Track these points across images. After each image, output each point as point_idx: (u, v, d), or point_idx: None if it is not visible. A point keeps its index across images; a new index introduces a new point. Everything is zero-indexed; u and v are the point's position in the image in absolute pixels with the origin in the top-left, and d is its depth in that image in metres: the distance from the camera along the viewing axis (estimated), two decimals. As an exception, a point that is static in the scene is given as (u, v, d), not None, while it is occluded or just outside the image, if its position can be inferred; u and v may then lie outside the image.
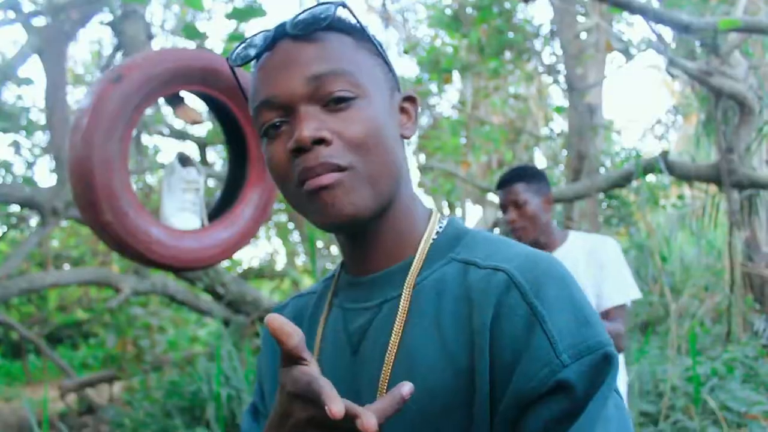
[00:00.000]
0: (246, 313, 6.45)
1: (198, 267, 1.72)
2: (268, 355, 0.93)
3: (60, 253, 8.81)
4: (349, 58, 0.78)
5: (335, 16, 0.79)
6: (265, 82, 0.77)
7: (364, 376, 0.79)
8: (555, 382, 0.66)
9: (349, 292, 0.85)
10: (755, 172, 4.61)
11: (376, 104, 0.78)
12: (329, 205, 0.74)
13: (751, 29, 3.55)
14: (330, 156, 0.74)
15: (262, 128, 0.78)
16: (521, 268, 0.72)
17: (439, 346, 0.73)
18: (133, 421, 4.85)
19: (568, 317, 0.68)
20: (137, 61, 1.55)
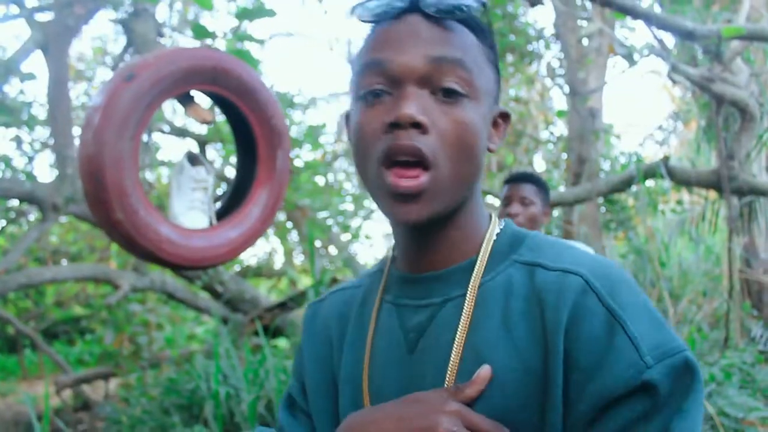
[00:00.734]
0: (244, 312, 6.46)
1: (207, 266, 1.72)
2: (312, 353, 0.91)
3: (58, 249, 8.80)
4: (472, 56, 0.77)
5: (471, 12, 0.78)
6: (381, 45, 0.76)
7: (426, 374, 0.78)
8: (641, 382, 0.67)
9: (404, 289, 0.83)
10: (755, 179, 4.64)
11: (480, 110, 0.77)
12: (407, 209, 0.74)
13: (754, 37, 3.57)
14: (422, 144, 0.73)
15: (361, 90, 0.77)
16: (594, 273, 0.73)
17: (509, 346, 0.73)
18: (130, 418, 4.85)
19: (645, 321, 0.70)
20: (149, 60, 1.56)
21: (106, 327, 6.59)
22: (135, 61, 1.65)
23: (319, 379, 0.88)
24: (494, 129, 0.83)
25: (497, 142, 0.83)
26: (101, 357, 7.53)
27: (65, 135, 5.23)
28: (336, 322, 0.90)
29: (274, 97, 1.82)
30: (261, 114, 1.77)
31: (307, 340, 0.92)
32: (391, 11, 0.78)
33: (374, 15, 0.79)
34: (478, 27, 0.80)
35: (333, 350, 0.88)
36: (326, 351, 0.89)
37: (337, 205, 8.55)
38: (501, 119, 0.84)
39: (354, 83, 0.80)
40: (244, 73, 1.74)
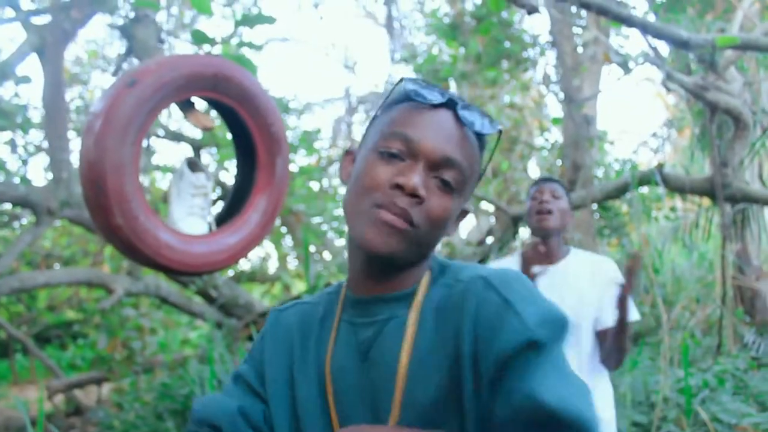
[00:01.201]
0: (238, 317, 6.45)
1: (206, 272, 1.73)
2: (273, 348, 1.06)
3: (51, 253, 8.76)
4: (472, 165, 0.97)
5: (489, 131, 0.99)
6: (414, 123, 0.94)
7: (378, 376, 0.95)
8: (526, 342, 0.83)
9: (356, 309, 1.00)
10: (748, 187, 4.67)
11: (459, 203, 0.98)
12: (383, 238, 0.92)
13: (748, 47, 3.60)
14: (413, 212, 0.92)
15: (381, 146, 0.95)
16: (494, 275, 0.92)
17: (442, 348, 0.91)
18: (123, 423, 4.83)
19: (533, 303, 0.87)
20: (151, 67, 1.56)
21: (99, 331, 6.56)
22: (137, 67, 1.65)
23: (278, 377, 1.03)
24: (456, 219, 1.02)
25: (453, 230, 1.03)
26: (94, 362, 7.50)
27: (60, 139, 5.22)
28: (297, 332, 1.06)
29: (274, 105, 1.83)
30: (261, 121, 1.78)
31: (270, 341, 1.07)
32: (434, 98, 0.95)
33: (417, 94, 0.96)
34: (484, 143, 1.01)
35: (293, 356, 1.04)
36: (286, 356, 1.04)
37: (331, 210, 8.55)
38: (462, 214, 1.04)
39: (374, 137, 0.98)
40: (245, 80, 1.75)
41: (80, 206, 5.39)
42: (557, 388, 0.82)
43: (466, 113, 0.96)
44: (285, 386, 1.02)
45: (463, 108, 0.96)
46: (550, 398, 0.80)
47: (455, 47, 6.70)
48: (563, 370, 0.86)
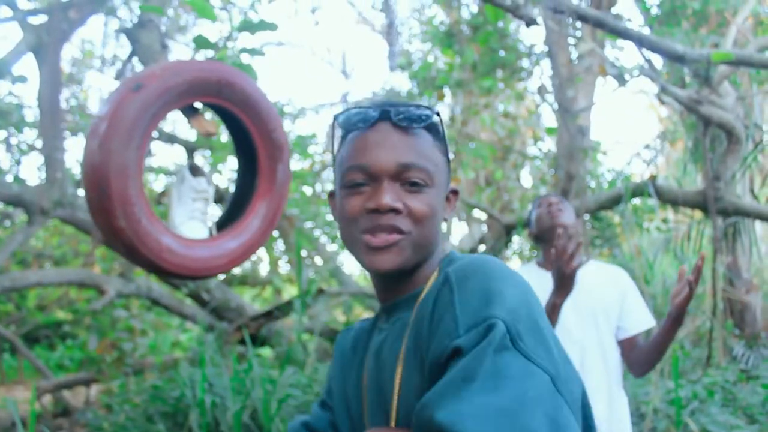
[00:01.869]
0: (229, 320, 6.44)
1: (206, 276, 1.74)
2: (336, 363, 1.18)
3: (42, 252, 8.71)
4: (430, 156, 1.01)
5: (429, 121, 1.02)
6: (361, 151, 1.00)
7: (385, 375, 1.00)
8: (451, 349, 0.82)
9: (381, 315, 1.08)
10: (740, 200, 4.72)
11: (438, 193, 1.02)
12: (379, 258, 0.97)
13: (742, 62, 3.64)
14: (399, 222, 0.97)
15: (346, 182, 1.00)
16: (459, 267, 0.91)
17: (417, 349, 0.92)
18: (112, 424, 4.80)
19: (476, 302, 0.84)
20: (156, 72, 1.57)
21: (90, 332, 6.53)
22: (142, 72, 1.66)
23: (338, 387, 1.14)
24: (447, 203, 1.07)
25: (449, 212, 1.08)
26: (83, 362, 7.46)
27: (55, 138, 5.21)
28: (351, 348, 1.15)
29: (276, 111, 1.84)
30: (263, 127, 1.80)
31: (334, 358, 1.19)
32: (367, 120, 1.01)
33: (353, 123, 1.02)
34: (434, 128, 1.05)
35: (349, 368, 1.13)
36: (341, 372, 1.15)
37: (324, 215, 8.55)
38: (452, 195, 1.08)
39: (338, 174, 1.03)
40: (248, 87, 1.76)
41: (73, 206, 5.39)
42: (458, 404, 0.75)
43: (400, 117, 1.00)
44: (342, 393, 1.12)
45: (396, 114, 1.00)
46: (442, 415, 0.75)
47: (451, 55, 6.73)
48: (481, 383, 0.77)
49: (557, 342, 0.88)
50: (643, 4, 5.38)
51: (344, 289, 7.15)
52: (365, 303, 7.36)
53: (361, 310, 7.94)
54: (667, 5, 4.96)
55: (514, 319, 0.82)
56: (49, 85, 5.08)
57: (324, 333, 6.91)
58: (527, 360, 0.79)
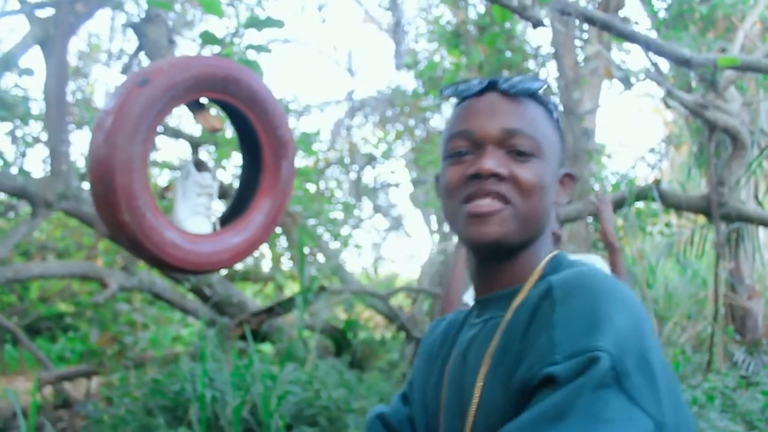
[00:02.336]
0: (231, 316, 6.45)
1: (209, 271, 1.74)
2: (422, 355, 1.11)
3: (45, 244, 8.74)
4: (539, 127, 0.95)
5: (540, 92, 0.98)
6: (466, 118, 0.96)
7: (467, 379, 0.93)
8: (543, 375, 0.74)
9: (474, 309, 1.02)
10: (744, 206, 4.71)
11: (547, 167, 0.94)
12: (482, 228, 0.90)
13: (748, 68, 3.64)
14: (501, 188, 0.90)
15: (449, 152, 0.96)
16: (564, 280, 0.82)
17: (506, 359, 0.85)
18: (112, 417, 4.82)
19: (580, 326, 0.75)
20: (163, 67, 1.58)
21: (91, 325, 6.55)
22: (149, 66, 1.67)
23: (420, 379, 1.08)
24: (561, 186, 0.99)
25: (563, 198, 0.99)
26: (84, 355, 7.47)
27: (60, 131, 5.22)
28: (440, 340, 1.09)
29: (282, 109, 1.85)
30: (268, 124, 1.80)
31: (421, 348, 1.13)
32: (473, 89, 0.97)
33: (459, 94, 0.98)
34: (544, 102, 0.99)
35: (433, 362, 1.07)
36: (427, 362, 1.08)
37: (327, 212, 8.56)
38: (567, 179, 1.01)
39: (443, 147, 0.98)
40: (254, 84, 1.77)
41: (77, 199, 5.40)
42: None
43: (508, 86, 0.95)
44: (422, 387, 1.06)
45: (504, 83, 0.96)
46: None
47: (457, 55, 6.73)
48: (573, 424, 0.69)
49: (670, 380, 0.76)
50: (651, 8, 5.38)
51: (346, 287, 7.16)
52: (366, 301, 7.37)
53: (362, 308, 7.95)
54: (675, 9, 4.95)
55: (621, 352, 0.72)
56: (55, 78, 5.09)
57: (325, 330, 6.92)
58: (630, 402, 0.70)
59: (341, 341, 7.14)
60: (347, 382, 5.09)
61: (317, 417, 4.50)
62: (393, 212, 10.24)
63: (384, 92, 8.77)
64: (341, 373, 5.43)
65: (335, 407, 4.45)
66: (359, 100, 9.04)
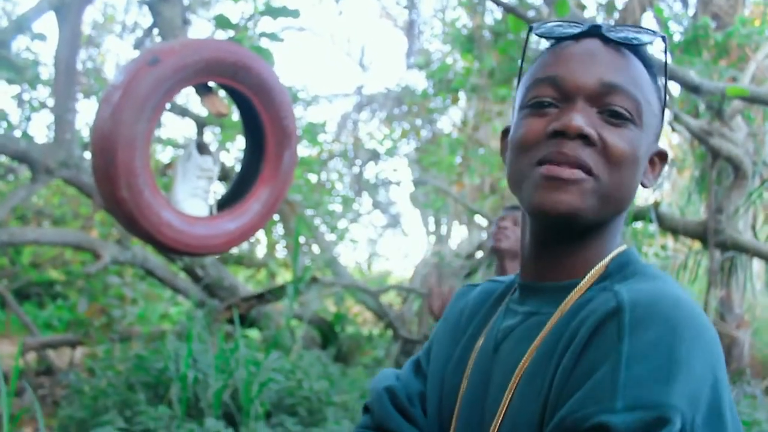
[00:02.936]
0: (221, 298, 6.46)
1: (201, 254, 1.75)
2: (447, 325, 0.96)
3: (42, 210, 8.74)
4: (642, 88, 0.79)
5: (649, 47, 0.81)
6: (557, 63, 0.79)
7: (495, 377, 0.81)
8: (598, 422, 0.63)
9: (516, 293, 0.87)
10: (740, 236, 4.72)
11: (643, 138, 0.79)
12: (556, 196, 0.75)
13: (756, 100, 3.65)
14: (587, 156, 0.75)
15: (529, 99, 0.80)
16: (637, 301, 0.69)
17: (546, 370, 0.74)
18: (93, 389, 4.82)
19: (649, 368, 0.64)
20: (175, 48, 1.59)
21: (81, 295, 6.56)
22: (161, 46, 1.67)
23: (440, 355, 0.93)
24: (650, 166, 0.84)
25: (651, 180, 0.84)
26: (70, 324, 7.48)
27: (68, 99, 5.23)
28: (469, 311, 0.94)
29: (289, 99, 1.86)
30: (274, 114, 1.81)
31: (446, 314, 0.98)
32: (572, 31, 0.81)
33: (553, 35, 0.82)
34: (650, 63, 0.82)
35: (457, 332, 0.93)
36: (451, 332, 0.94)
37: (326, 204, 8.57)
38: (658, 158, 0.85)
39: (521, 95, 0.83)
40: (264, 72, 1.77)
41: (78, 168, 5.40)
42: None
43: (614, 33, 0.79)
44: (442, 363, 0.92)
45: (608, 30, 0.80)
46: None
47: (470, 60, 6.73)
48: None
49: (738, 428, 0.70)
50: (667, 30, 5.39)
51: (338, 281, 7.17)
52: (357, 296, 7.38)
53: (352, 303, 7.96)
54: (691, 34, 4.96)
55: (694, 408, 0.64)
56: (67, 45, 5.09)
57: (313, 321, 6.93)
58: None
59: (328, 334, 7.15)
60: (330, 374, 5.09)
61: (297, 407, 4.51)
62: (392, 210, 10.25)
63: (393, 90, 8.77)
64: (325, 365, 5.44)
65: (316, 399, 4.45)
66: (368, 95, 9.04)
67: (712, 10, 5.50)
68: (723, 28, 5.27)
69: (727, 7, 5.44)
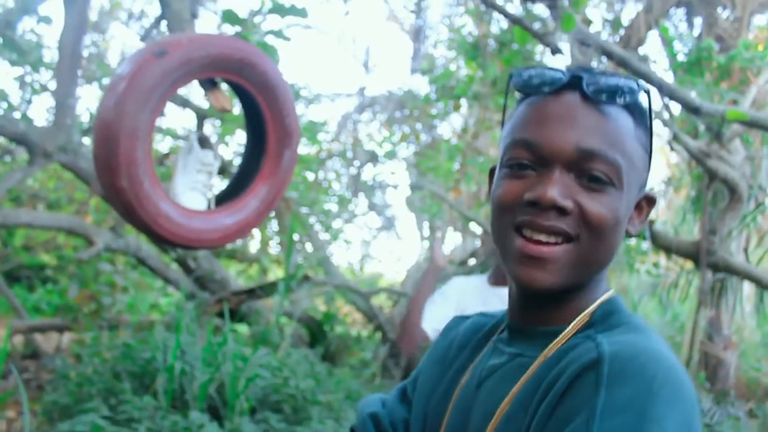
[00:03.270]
0: (212, 291, 6.45)
1: (197, 247, 1.76)
2: (435, 354, 0.98)
3: (37, 193, 8.72)
4: (624, 146, 0.77)
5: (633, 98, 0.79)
6: (533, 123, 0.78)
7: (475, 415, 0.82)
8: None
9: (504, 333, 0.88)
10: (732, 258, 4.75)
11: (625, 198, 0.79)
12: (533, 273, 0.76)
13: (755, 125, 3.68)
14: (564, 224, 0.75)
15: (508, 160, 0.80)
16: (617, 354, 0.70)
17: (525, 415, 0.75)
18: (79, 375, 4.81)
19: (622, 423, 0.64)
20: (183, 41, 1.59)
21: (72, 280, 6.54)
22: (169, 38, 1.68)
23: (425, 385, 0.95)
24: (636, 211, 0.84)
25: (637, 226, 0.85)
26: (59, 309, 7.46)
27: (70, 84, 5.22)
28: (458, 343, 0.96)
29: (292, 98, 1.87)
30: (277, 112, 1.82)
31: (435, 344, 1.00)
32: (551, 83, 0.79)
33: (531, 86, 0.81)
34: (637, 109, 0.81)
35: (444, 365, 0.94)
36: (439, 364, 0.95)
37: (322, 203, 8.57)
38: (645, 202, 0.85)
39: (502, 149, 0.83)
40: (269, 70, 1.78)
41: (76, 154, 5.39)
42: None
43: (594, 87, 0.77)
44: (427, 393, 0.93)
45: (590, 83, 0.77)
46: None
47: (474, 68, 6.75)
48: None
49: None
50: (671, 50, 5.42)
51: (329, 280, 7.17)
52: (348, 297, 7.38)
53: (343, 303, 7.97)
54: (694, 55, 5.00)
55: None
56: (72, 30, 5.08)
57: (302, 319, 6.93)
58: None
59: (317, 333, 7.14)
60: (317, 374, 5.09)
61: (282, 404, 4.51)
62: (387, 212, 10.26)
63: (395, 93, 8.79)
64: (312, 364, 5.44)
65: (302, 397, 4.45)
66: (370, 97, 9.05)
67: (717, 32, 5.54)
68: (726, 50, 5.31)
69: (731, 30, 5.48)
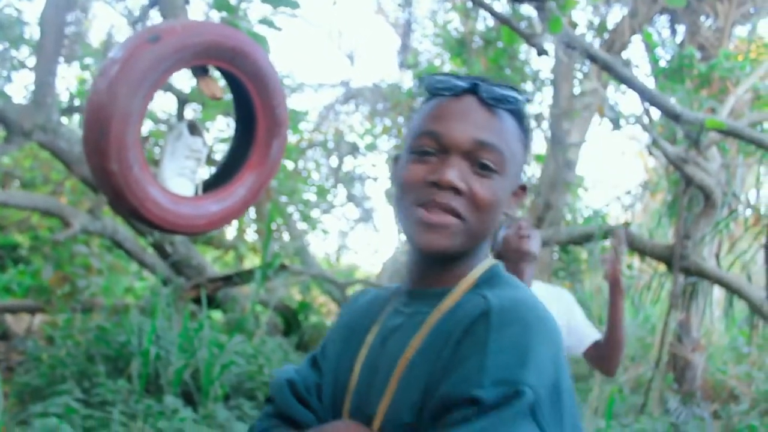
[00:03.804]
0: (188, 277, 6.43)
1: (181, 233, 1.76)
2: (340, 325, 1.12)
3: (11, 172, 8.58)
4: (509, 141, 0.96)
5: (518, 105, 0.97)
6: (438, 119, 0.95)
7: (381, 367, 0.96)
8: (470, 396, 0.80)
9: (402, 298, 1.04)
10: (704, 263, 4.85)
11: (506, 184, 0.96)
12: (429, 237, 0.92)
13: (732, 134, 3.76)
14: (457, 204, 0.92)
15: (415, 147, 0.96)
16: (502, 306, 0.87)
17: (428, 364, 0.89)
18: (51, 357, 4.77)
19: (510, 357, 0.82)
20: (177, 27, 1.59)
21: (46, 262, 6.47)
22: (163, 24, 1.68)
23: (333, 350, 1.08)
24: (514, 197, 1.01)
25: (513, 208, 1.02)
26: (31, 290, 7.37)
27: (51, 62, 5.15)
28: (361, 313, 1.10)
29: (283, 89, 1.87)
30: (267, 101, 1.82)
31: (339, 318, 1.15)
32: (453, 89, 0.96)
33: (437, 89, 0.98)
34: (519, 114, 1.00)
35: (352, 334, 1.07)
36: (345, 331, 1.09)
37: (301, 192, 8.57)
38: (520, 190, 1.02)
39: (409, 138, 0.99)
40: (261, 59, 1.79)
41: (55, 133, 5.33)
42: None
43: (488, 94, 0.94)
44: (336, 357, 1.06)
45: (485, 90, 0.95)
46: None
47: (459, 64, 6.79)
48: None
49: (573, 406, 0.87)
50: (654, 56, 5.50)
51: (306, 270, 7.18)
52: (323, 287, 7.40)
53: (318, 293, 7.98)
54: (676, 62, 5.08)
55: (541, 386, 0.81)
56: (55, 7, 5.02)
57: (278, 308, 6.93)
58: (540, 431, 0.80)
59: (292, 322, 7.16)
60: (291, 362, 5.12)
61: (256, 391, 4.53)
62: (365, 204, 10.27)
63: (379, 85, 8.79)
64: (287, 352, 5.46)
65: (276, 385, 4.48)
66: (354, 89, 9.04)
67: (699, 40, 5.63)
68: (708, 59, 5.40)
69: (713, 39, 5.58)
